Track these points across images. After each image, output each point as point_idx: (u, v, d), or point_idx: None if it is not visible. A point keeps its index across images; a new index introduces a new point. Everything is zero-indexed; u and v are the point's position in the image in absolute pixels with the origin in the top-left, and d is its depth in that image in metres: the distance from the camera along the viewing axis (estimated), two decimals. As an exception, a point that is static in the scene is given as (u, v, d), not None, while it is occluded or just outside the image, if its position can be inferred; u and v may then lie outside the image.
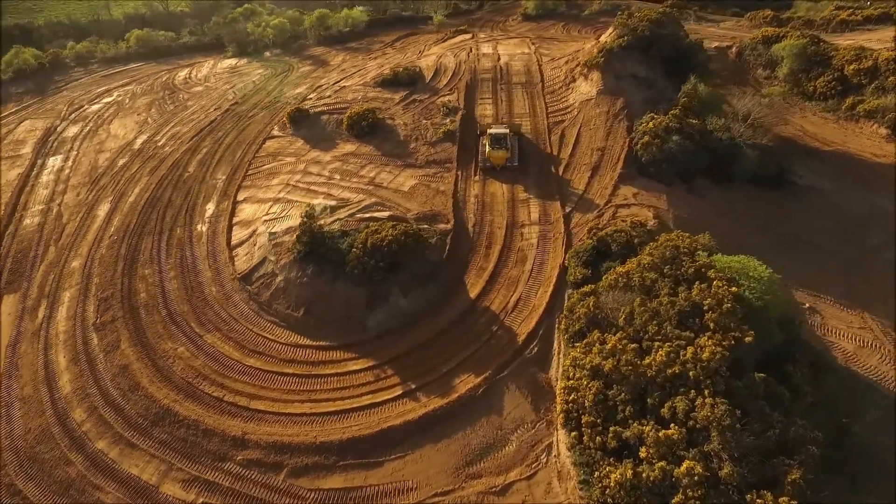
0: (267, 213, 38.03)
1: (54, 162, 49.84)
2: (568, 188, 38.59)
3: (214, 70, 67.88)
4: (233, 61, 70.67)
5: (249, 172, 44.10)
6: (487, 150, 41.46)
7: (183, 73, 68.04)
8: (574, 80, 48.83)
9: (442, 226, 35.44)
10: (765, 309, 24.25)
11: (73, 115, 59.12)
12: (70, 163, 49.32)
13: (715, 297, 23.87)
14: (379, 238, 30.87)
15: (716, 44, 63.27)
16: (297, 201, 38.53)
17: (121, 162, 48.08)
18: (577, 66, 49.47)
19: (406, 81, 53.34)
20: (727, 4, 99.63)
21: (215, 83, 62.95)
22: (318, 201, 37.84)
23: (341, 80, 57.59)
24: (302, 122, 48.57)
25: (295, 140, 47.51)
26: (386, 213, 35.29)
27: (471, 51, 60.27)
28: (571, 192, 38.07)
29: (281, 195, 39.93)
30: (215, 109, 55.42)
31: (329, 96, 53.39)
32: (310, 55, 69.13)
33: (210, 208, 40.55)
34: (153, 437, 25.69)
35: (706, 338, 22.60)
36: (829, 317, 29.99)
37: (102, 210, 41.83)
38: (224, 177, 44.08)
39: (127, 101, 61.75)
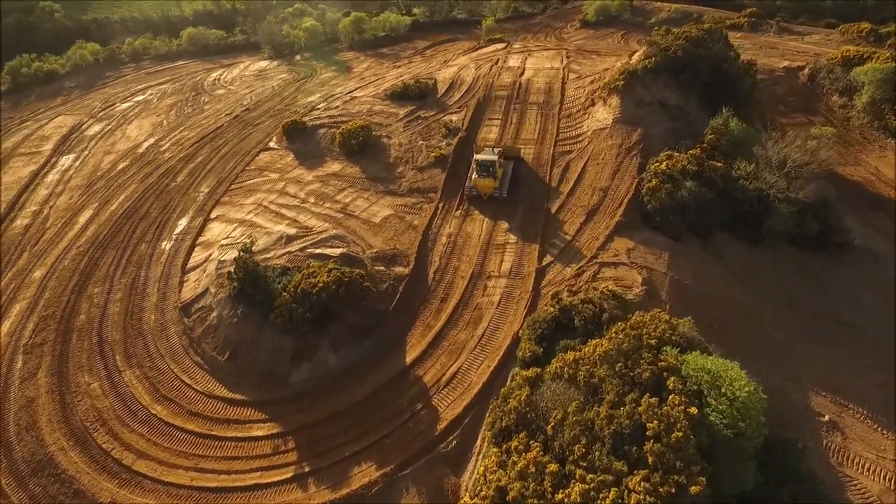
0: (228, 237, 35.13)
1: (65, 161, 49.66)
2: (555, 232, 33.04)
3: (244, 72, 66.50)
4: (264, 63, 69.12)
5: (232, 187, 41.52)
6: (474, 177, 36.66)
7: (215, 75, 67.18)
8: (593, 104, 42.67)
9: (399, 269, 31.05)
10: (737, 440, 18.23)
11: (101, 113, 59.36)
12: (78, 163, 48.93)
13: (665, 419, 18.13)
14: (311, 284, 26.97)
15: (785, 63, 54.68)
16: (260, 226, 35.38)
17: (121, 166, 47.04)
18: (600, 87, 43.24)
19: (416, 95, 49.06)
20: (823, 13, 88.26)
21: (238, 87, 61.37)
22: (279, 228, 34.48)
23: (356, 89, 54.13)
24: (297, 135, 45.49)
25: (286, 154, 44.52)
26: (338, 251, 31.31)
27: (496, 63, 54.99)
28: (557, 239, 32.50)
29: (249, 216, 36.94)
30: (226, 115, 53.58)
31: (336, 107, 50.05)
32: (337, 60, 66.26)
33: (182, 224, 38.25)
34: (27, 489, 23.21)
35: (639, 477, 17.01)
36: (853, 438, 23.11)
37: (84, 217, 40.61)
38: (207, 190, 41.76)
39: (155, 100, 61.39)
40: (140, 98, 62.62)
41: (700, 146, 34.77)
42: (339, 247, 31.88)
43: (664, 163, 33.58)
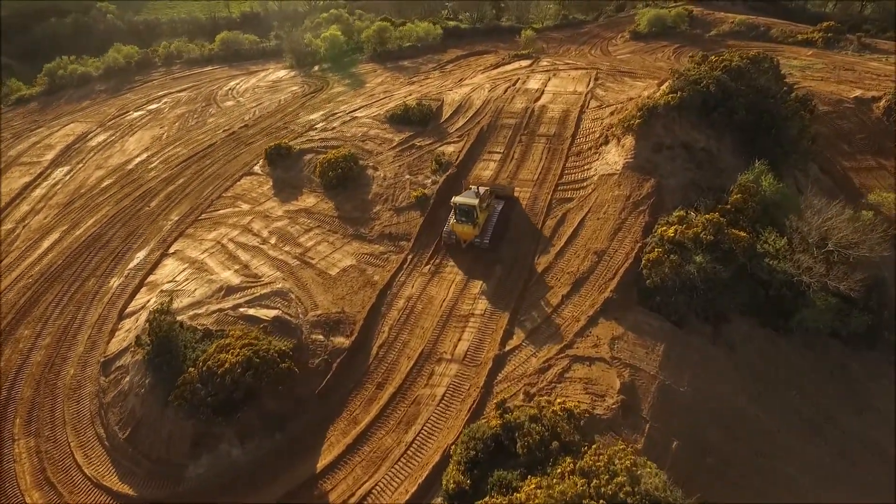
0: (173, 280, 31.51)
1: (57, 174, 48.01)
2: (533, 303, 27.34)
3: (259, 83, 63.61)
4: (282, 73, 66.06)
5: (202, 217, 38.05)
6: (452, 221, 31.51)
7: (232, 84, 64.69)
8: (606, 143, 36.31)
9: (340, 340, 26.31)
10: None
11: (111, 122, 57.89)
12: (68, 178, 47.12)
13: None
14: (218, 362, 22.68)
15: (857, 93, 46.20)
16: (209, 270, 31.54)
17: (105, 183, 44.72)
18: (616, 123, 36.78)
19: (417, 119, 44.12)
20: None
21: (248, 99, 58.40)
22: (225, 276, 30.50)
23: (359, 108, 49.75)
24: (280, 161, 41.55)
25: (266, 181, 40.67)
26: (273, 313, 26.92)
27: (514, 84, 49.21)
28: (533, 312, 26.80)
29: (203, 256, 33.22)
30: (224, 131, 50.52)
31: (332, 129, 45.84)
32: (353, 73, 62.18)
33: (139, 257, 35.06)
34: None
35: None
36: None
37: (49, 241, 38.25)
38: (177, 218, 38.50)
39: (166, 110, 59.42)
40: (154, 106, 60.84)
41: (722, 208, 28.05)
42: (276, 307, 27.48)
43: (673, 227, 27.14)
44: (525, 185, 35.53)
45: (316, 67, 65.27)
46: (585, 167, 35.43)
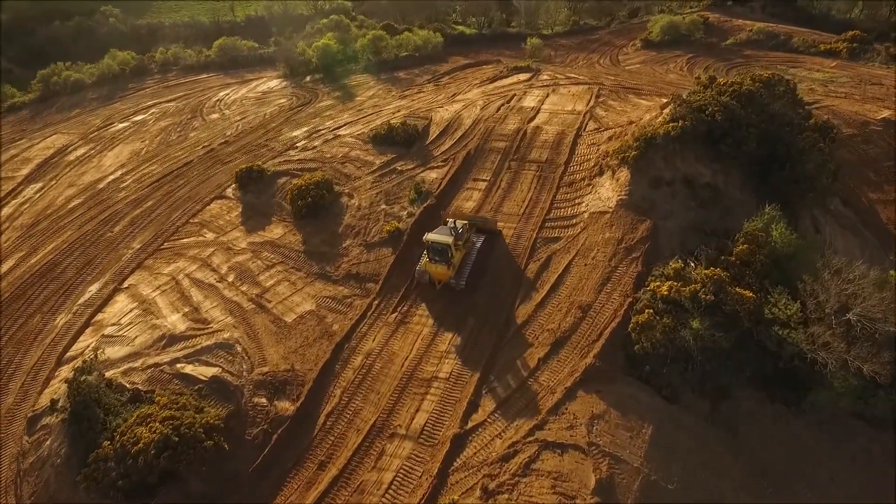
0: (118, 322, 28.66)
1: (29, 192, 45.64)
2: (505, 366, 23.95)
3: (249, 94, 60.81)
4: (274, 83, 63.19)
5: (164, 246, 35.21)
6: (425, 261, 28.31)
7: (222, 94, 61.97)
8: (601, 173, 32.69)
9: (285, 405, 23.19)
10: None
11: (94, 134, 55.53)
12: (38, 196, 44.70)
13: None
14: (132, 439, 19.68)
15: (885, 114, 42.16)
16: (156, 312, 28.65)
17: (73, 204, 42.16)
18: (611, 152, 33.11)
19: (402, 140, 40.85)
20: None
21: (234, 111, 55.63)
22: (171, 320, 27.59)
23: (344, 125, 46.60)
24: (251, 185, 38.56)
25: (235, 207, 37.72)
26: (213, 371, 23.91)
27: (509, 101, 45.72)
28: (504, 378, 23.42)
29: (154, 294, 30.35)
30: (203, 147, 47.72)
31: (312, 148, 42.77)
32: (345, 85, 59.06)
33: (91, 291, 32.32)
34: None
35: None
36: None
37: (3, 268, 35.72)
38: (139, 246, 35.73)
39: (151, 121, 56.89)
40: (139, 118, 58.35)
41: (725, 259, 24.37)
42: (218, 364, 24.44)
43: (668, 283, 23.54)
44: (510, 220, 32.10)
45: (308, 78, 62.27)
46: (576, 201, 31.86)
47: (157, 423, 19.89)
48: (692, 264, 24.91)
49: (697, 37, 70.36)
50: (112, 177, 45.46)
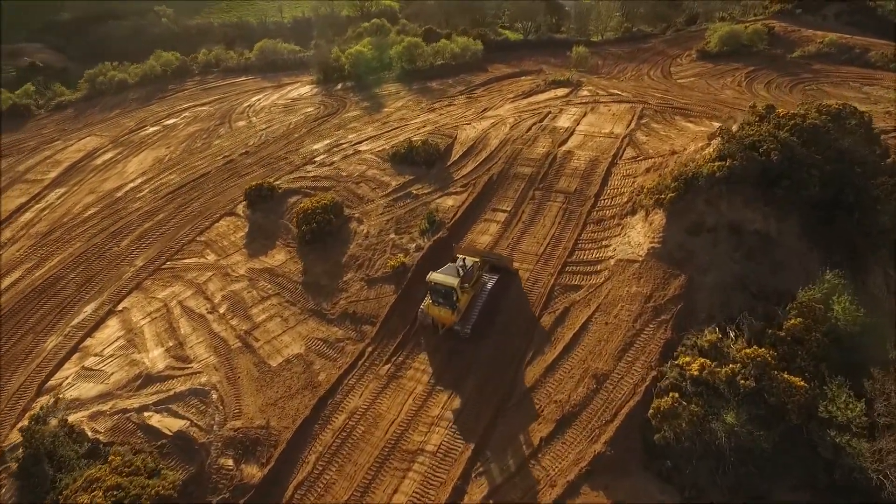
0: (100, 353, 27.07)
1: (52, 197, 45.44)
2: (503, 442, 20.74)
3: (279, 100, 59.45)
4: (305, 90, 61.63)
5: (165, 266, 33.68)
6: (427, 302, 25.47)
7: (254, 99, 60.92)
8: (633, 213, 28.84)
9: (252, 471, 20.75)
10: None
11: (125, 137, 55.37)
12: (59, 201, 44.38)
13: None
14: (73, 509, 17.64)
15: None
16: (140, 345, 26.91)
17: (89, 212, 41.47)
18: (647, 189, 29.15)
19: (422, 160, 38.06)
20: None
21: (261, 119, 54.23)
22: (152, 356, 25.77)
23: (367, 140, 44.21)
24: (260, 203, 36.61)
25: (242, 227, 35.85)
26: (178, 425, 21.77)
27: (541, 119, 42.17)
28: (498, 458, 20.22)
29: (143, 323, 28.69)
30: (223, 157, 46.37)
31: (330, 165, 40.56)
32: (375, 94, 56.72)
33: (86, 312, 31.05)
34: None
35: None
36: None
37: (8, 280, 35.07)
38: (142, 264, 34.37)
39: (182, 126, 56.34)
40: (171, 121, 57.92)
41: (773, 334, 20.33)
42: (187, 415, 22.30)
43: (699, 361, 19.74)
44: (527, 260, 28.74)
45: (339, 86, 60.34)
46: (603, 243, 28.15)
47: (101, 494, 17.79)
48: (732, 335, 20.97)
49: (760, 48, 64.52)
50: (131, 185, 44.65)
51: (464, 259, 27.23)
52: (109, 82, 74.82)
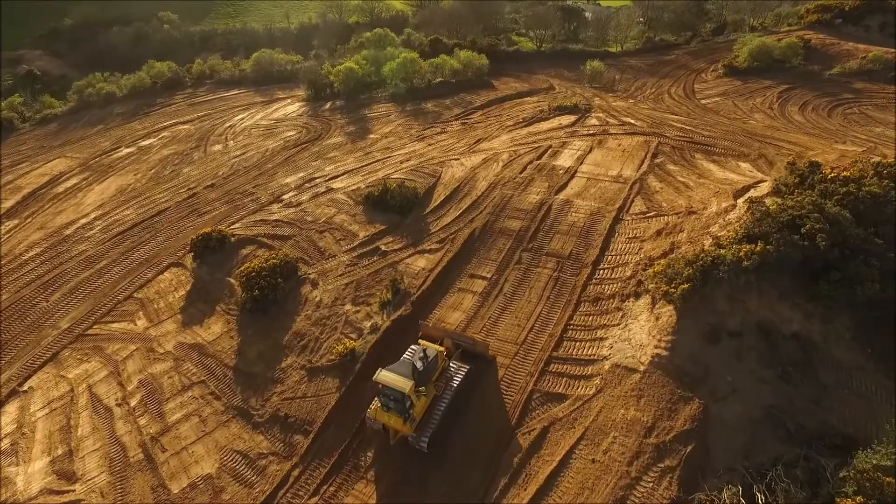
0: (-18, 455, 22.29)
1: (1, 231, 41.20)
2: None
3: (262, 120, 54.62)
4: (291, 109, 56.73)
5: (89, 332, 28.90)
6: (376, 405, 20.15)
7: (236, 119, 56.19)
8: (637, 296, 23.01)
9: None
10: None
11: (95, 161, 51.13)
12: (5, 237, 40.08)
13: None
14: None
15: None
16: (24, 449, 22.07)
17: (29, 254, 37.03)
18: (652, 271, 23.24)
19: (397, 205, 32.70)
20: None
21: (238, 143, 49.40)
22: (34, 469, 20.88)
23: (344, 174, 39.01)
24: (209, 256, 31.63)
25: (186, 283, 30.91)
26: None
27: (541, 155, 36.51)
28: None
29: (41, 415, 23.86)
30: (188, 189, 41.61)
31: (297, 205, 35.49)
32: (363, 116, 51.45)
33: (-9, 388, 26.38)
34: None
35: None
36: None
37: (-77, 339, 30.66)
38: (66, 326, 29.67)
39: (156, 148, 51.91)
40: (147, 142, 53.55)
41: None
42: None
43: (714, 556, 13.93)
44: (504, 348, 23.17)
45: (328, 105, 55.29)
46: (598, 333, 22.40)
47: None
48: (761, 501, 15.14)
49: (795, 63, 57.67)
50: (84, 220, 40.15)
51: (425, 350, 21.80)
52: (98, 94, 70.91)
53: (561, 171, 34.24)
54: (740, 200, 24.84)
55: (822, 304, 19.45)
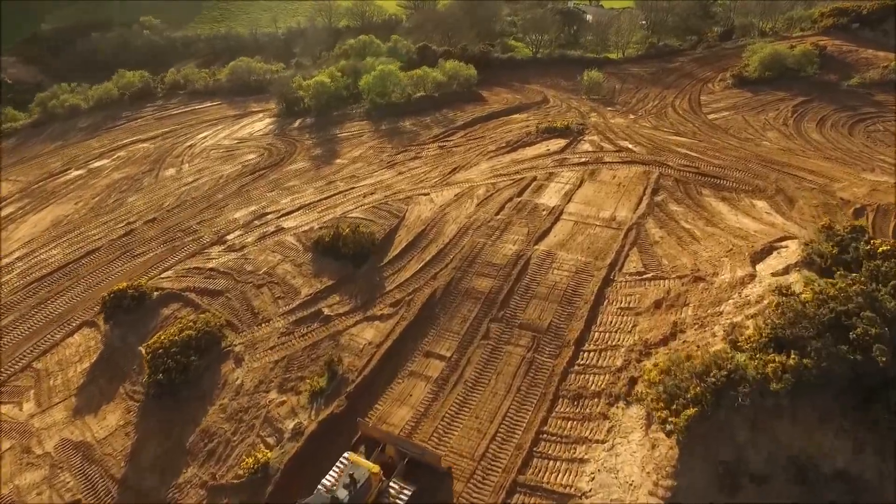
0: None
1: (-84, 270, 36.15)
2: None
3: (227, 138, 49.56)
4: (261, 125, 51.64)
5: (-26, 411, 23.81)
6: None
7: (198, 137, 51.10)
8: (627, 403, 17.59)
9: None
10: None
11: (39, 184, 46.22)
12: (-83, 279, 35.06)
13: None
14: None
15: None
16: None
17: (-68, 304, 31.98)
18: (649, 374, 17.85)
19: (351, 253, 27.48)
20: None
21: (192, 168, 44.23)
22: None
23: (299, 210, 33.83)
24: (123, 316, 26.43)
25: (93, 351, 25.75)
26: None
27: (523, 190, 31.23)
28: None
29: None
30: (126, 224, 36.49)
31: (239, 250, 30.34)
32: (333, 137, 46.17)
33: None
34: None
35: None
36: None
37: None
38: (-50, 403, 24.59)
39: (108, 170, 46.96)
40: (99, 164, 48.59)
41: None
42: None
43: None
44: (460, 464, 17.86)
45: (297, 123, 50.09)
46: (578, 451, 17.08)
47: None
48: None
49: (810, 72, 52.09)
50: (6, 260, 35.09)
51: (352, 474, 16.59)
52: (62, 107, 66.02)
53: (544, 212, 28.89)
54: (760, 267, 19.45)
55: (879, 432, 14.08)
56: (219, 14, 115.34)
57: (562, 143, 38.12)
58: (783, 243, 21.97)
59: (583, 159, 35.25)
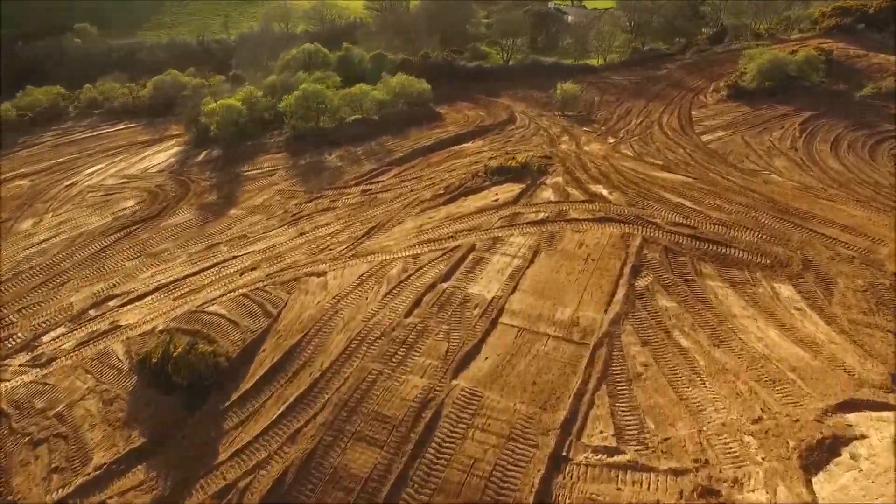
0: None
1: None
2: None
3: (119, 173, 39.87)
4: (160, 158, 41.95)
5: None
6: None
7: (86, 172, 41.41)
8: None
9: None
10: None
11: None
12: None
13: None
14: None
15: None
16: None
17: None
18: None
19: (185, 384, 18.11)
20: None
21: (55, 218, 34.44)
22: None
23: (154, 291, 24.27)
24: None
25: None
26: None
27: (451, 272, 21.79)
28: None
29: None
30: (-68, 310, 26.69)
31: (44, 364, 20.76)
32: (236, 177, 36.52)
33: None
34: None
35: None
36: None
37: None
38: None
39: (-37, 219, 36.93)
40: (-42, 209, 38.62)
41: None
42: None
43: None
44: None
45: (204, 154, 40.44)
46: None
47: None
48: None
49: (815, 81, 43.47)
50: None
51: None
52: (-50, 131, 55.65)
53: (476, 312, 19.50)
54: (820, 488, 10.18)
55: None
56: (170, 20, 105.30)
57: (516, 189, 28.75)
58: (851, 420, 12.57)
59: (541, 215, 25.91)
